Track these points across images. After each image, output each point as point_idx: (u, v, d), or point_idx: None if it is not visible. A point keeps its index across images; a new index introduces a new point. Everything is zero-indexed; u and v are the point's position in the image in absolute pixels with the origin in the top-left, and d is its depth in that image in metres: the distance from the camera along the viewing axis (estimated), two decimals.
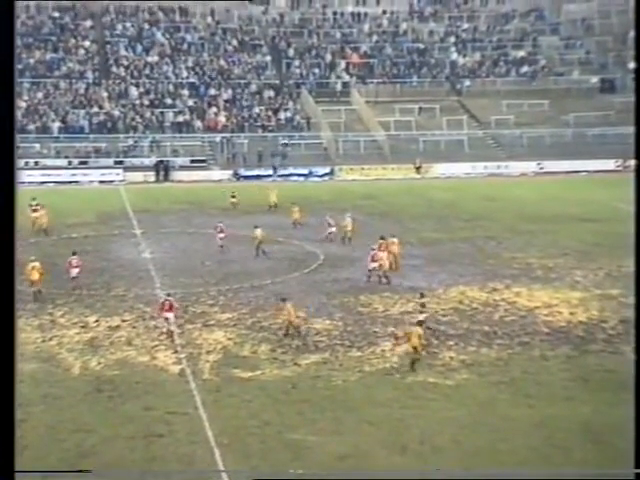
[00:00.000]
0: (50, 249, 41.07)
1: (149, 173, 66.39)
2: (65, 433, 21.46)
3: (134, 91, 74.29)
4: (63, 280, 34.59)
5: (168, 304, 29.05)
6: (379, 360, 26.48)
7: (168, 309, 28.96)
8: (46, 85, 73.59)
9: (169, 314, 28.88)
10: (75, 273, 34.41)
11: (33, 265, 32.85)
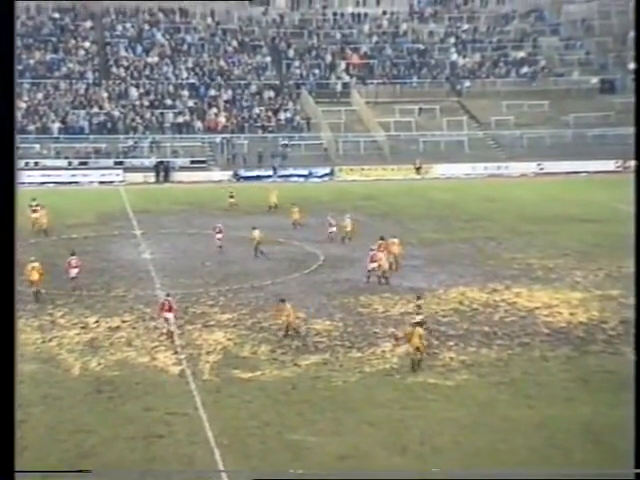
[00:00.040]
0: (50, 249, 41.07)
1: (149, 174, 66.41)
2: (65, 434, 21.45)
3: (134, 92, 74.30)
4: (63, 281, 34.58)
5: (167, 304, 29.07)
6: (379, 361, 26.47)
7: (168, 309, 28.97)
8: (46, 86, 73.60)
9: (169, 314, 28.89)
10: (74, 273, 34.37)
11: (33, 265, 32.84)
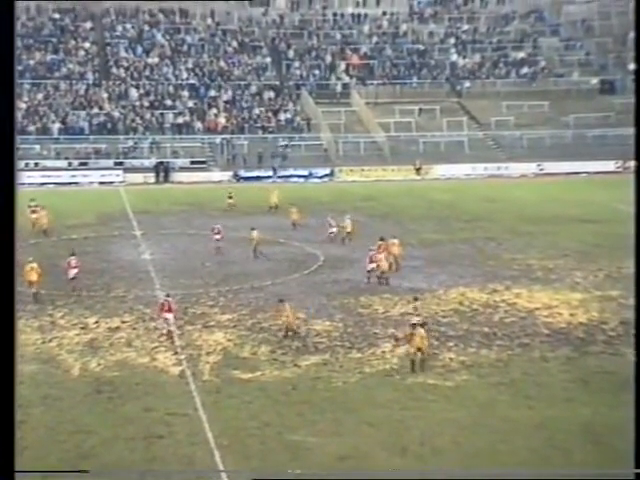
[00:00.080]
0: (50, 250, 41.06)
1: (149, 174, 66.39)
2: (65, 434, 21.45)
3: (134, 92, 74.28)
4: (63, 281, 34.56)
5: (167, 305, 29.08)
6: (379, 361, 26.47)
7: (167, 310, 28.98)
8: (46, 86, 73.54)
9: (168, 315, 28.91)
10: (74, 274, 34.38)
11: (31, 266, 32.80)
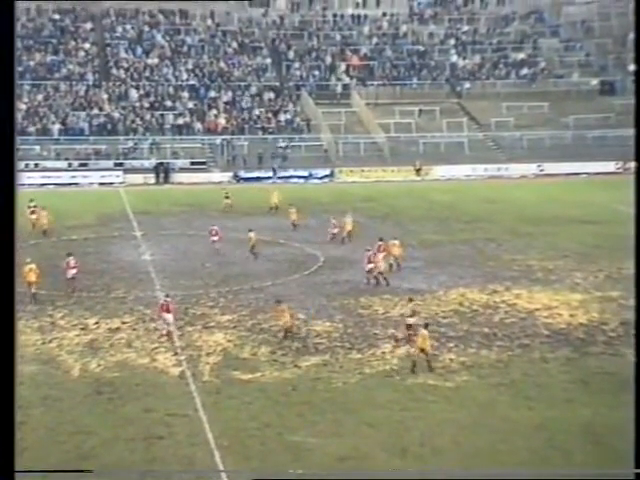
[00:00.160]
0: (50, 251, 41.03)
1: (149, 175, 66.43)
2: (65, 435, 21.45)
3: (134, 93, 74.30)
4: (63, 282, 34.53)
5: (166, 305, 29.08)
6: (379, 362, 26.47)
7: (166, 310, 28.99)
8: (46, 87, 73.56)
9: (167, 315, 28.91)
10: (72, 274, 34.36)
11: (30, 267, 32.75)
